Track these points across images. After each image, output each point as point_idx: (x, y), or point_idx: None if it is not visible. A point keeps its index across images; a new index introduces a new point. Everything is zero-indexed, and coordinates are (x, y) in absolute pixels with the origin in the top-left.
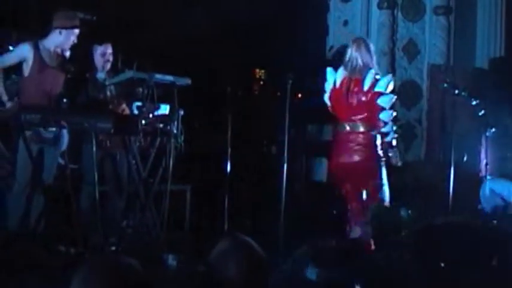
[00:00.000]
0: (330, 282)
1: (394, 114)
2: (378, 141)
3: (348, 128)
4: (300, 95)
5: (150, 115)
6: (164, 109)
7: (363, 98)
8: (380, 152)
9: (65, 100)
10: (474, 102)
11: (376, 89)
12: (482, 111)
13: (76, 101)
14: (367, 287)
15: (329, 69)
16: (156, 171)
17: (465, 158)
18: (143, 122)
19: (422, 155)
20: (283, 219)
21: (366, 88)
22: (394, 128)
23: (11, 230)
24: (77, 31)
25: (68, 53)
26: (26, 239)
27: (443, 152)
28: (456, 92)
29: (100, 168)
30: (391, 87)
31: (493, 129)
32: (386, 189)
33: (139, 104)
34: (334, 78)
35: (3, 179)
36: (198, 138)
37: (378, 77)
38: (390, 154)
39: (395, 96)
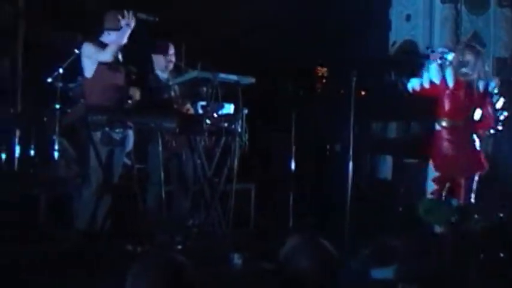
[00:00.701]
0: (406, 278)
1: (505, 114)
2: (477, 142)
3: (445, 123)
4: (363, 93)
5: (215, 114)
6: (228, 108)
7: (475, 100)
8: (477, 148)
9: (129, 101)
10: None
11: (489, 91)
12: None
13: (140, 102)
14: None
15: (434, 65)
16: (221, 170)
17: None
18: (208, 121)
19: (489, 150)
20: (349, 217)
21: (480, 90)
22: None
23: (79, 229)
24: (127, 31)
25: (120, 55)
26: (93, 238)
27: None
28: None
29: (166, 168)
30: (496, 89)
31: None
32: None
33: (203, 103)
34: (442, 75)
35: (71, 180)
36: (262, 137)
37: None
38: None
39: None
